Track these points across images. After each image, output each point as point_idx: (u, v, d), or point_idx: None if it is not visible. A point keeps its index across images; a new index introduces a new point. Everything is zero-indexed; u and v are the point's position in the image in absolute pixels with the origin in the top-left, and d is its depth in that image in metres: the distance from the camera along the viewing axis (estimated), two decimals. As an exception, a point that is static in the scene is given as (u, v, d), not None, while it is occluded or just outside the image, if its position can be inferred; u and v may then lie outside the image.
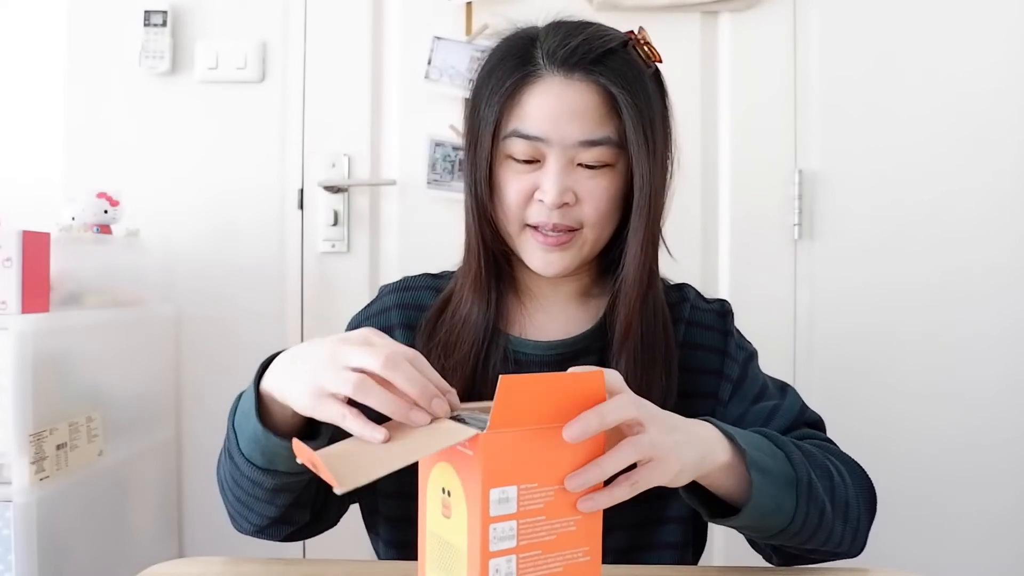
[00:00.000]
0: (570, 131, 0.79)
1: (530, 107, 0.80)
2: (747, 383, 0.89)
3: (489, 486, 0.50)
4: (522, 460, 0.51)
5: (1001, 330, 1.67)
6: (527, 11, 0.88)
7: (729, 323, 0.92)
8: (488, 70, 0.84)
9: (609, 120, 0.80)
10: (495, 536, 0.50)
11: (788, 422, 0.85)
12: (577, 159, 0.80)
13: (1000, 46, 1.68)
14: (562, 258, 0.83)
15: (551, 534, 0.53)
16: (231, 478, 0.77)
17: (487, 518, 0.50)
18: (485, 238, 0.85)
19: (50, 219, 1.44)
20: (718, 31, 1.70)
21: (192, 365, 1.72)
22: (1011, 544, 1.68)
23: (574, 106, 0.79)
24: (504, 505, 0.51)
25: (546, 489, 0.52)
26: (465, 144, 0.88)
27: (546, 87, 0.80)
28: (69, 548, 1.28)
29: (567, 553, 0.53)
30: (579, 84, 0.79)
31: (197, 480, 1.72)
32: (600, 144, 0.80)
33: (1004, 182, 1.67)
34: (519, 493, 0.51)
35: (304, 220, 1.72)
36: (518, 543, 0.51)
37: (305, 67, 1.71)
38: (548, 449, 0.52)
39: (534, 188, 0.81)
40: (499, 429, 0.50)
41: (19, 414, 1.16)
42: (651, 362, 0.83)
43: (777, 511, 0.71)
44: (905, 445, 1.68)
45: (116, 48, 1.70)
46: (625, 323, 0.83)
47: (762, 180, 1.68)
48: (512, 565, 0.51)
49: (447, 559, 0.54)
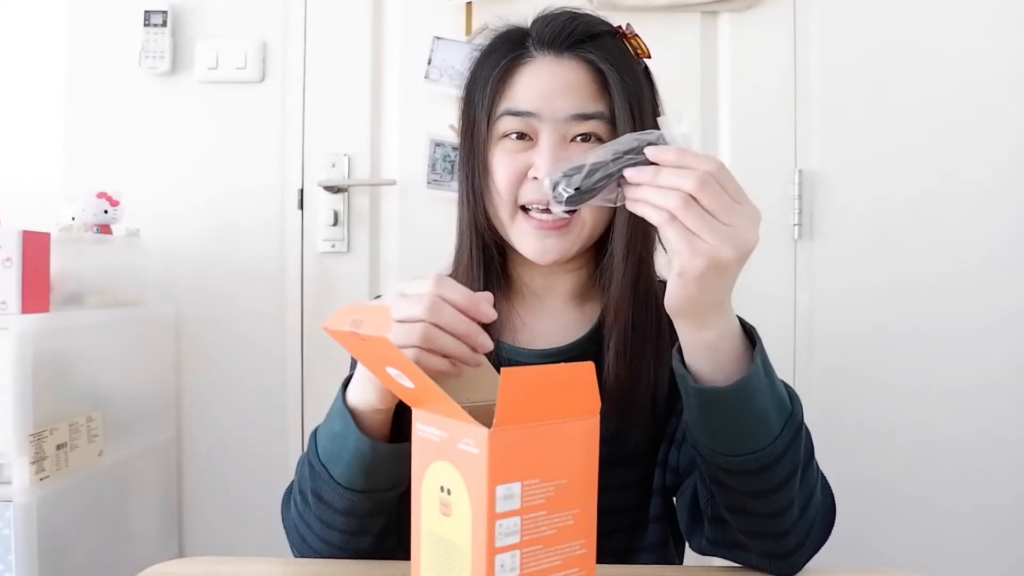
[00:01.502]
0: (561, 105, 0.79)
1: (521, 86, 0.81)
2: None
3: (495, 483, 0.51)
4: (526, 456, 0.52)
5: (1001, 329, 1.67)
6: (527, 11, 0.88)
7: None
8: (481, 59, 0.86)
9: (600, 97, 0.81)
10: (500, 532, 0.51)
11: None
12: (570, 134, 0.80)
13: (1000, 46, 1.67)
14: (559, 243, 0.81)
15: (551, 528, 0.54)
16: (319, 523, 0.75)
17: (493, 515, 0.51)
18: (478, 226, 0.85)
19: (50, 219, 1.44)
20: (718, 31, 1.71)
21: (192, 365, 1.72)
22: (1012, 543, 1.68)
23: (565, 82, 0.80)
24: (509, 501, 0.51)
25: (547, 484, 0.53)
26: (460, 132, 0.88)
27: (536, 66, 0.81)
28: (69, 548, 1.28)
29: (565, 546, 0.55)
30: (569, 62, 0.81)
31: (197, 480, 1.72)
32: (592, 118, 0.80)
33: (1004, 182, 1.67)
34: (523, 489, 0.52)
35: (304, 220, 1.72)
36: (521, 538, 0.52)
37: (305, 67, 1.71)
38: (550, 445, 0.53)
39: (527, 167, 0.81)
40: (504, 425, 0.51)
41: (19, 414, 1.16)
42: (639, 350, 0.82)
43: (761, 422, 0.66)
44: (905, 443, 1.68)
45: (116, 48, 1.71)
46: (614, 307, 0.82)
47: (762, 180, 1.68)
48: (516, 560, 0.52)
49: (447, 558, 0.54)
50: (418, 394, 0.56)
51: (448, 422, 0.54)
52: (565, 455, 0.54)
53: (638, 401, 0.83)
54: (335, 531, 0.74)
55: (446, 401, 0.53)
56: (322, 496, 0.73)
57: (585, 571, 0.56)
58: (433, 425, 0.55)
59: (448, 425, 0.54)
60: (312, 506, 0.75)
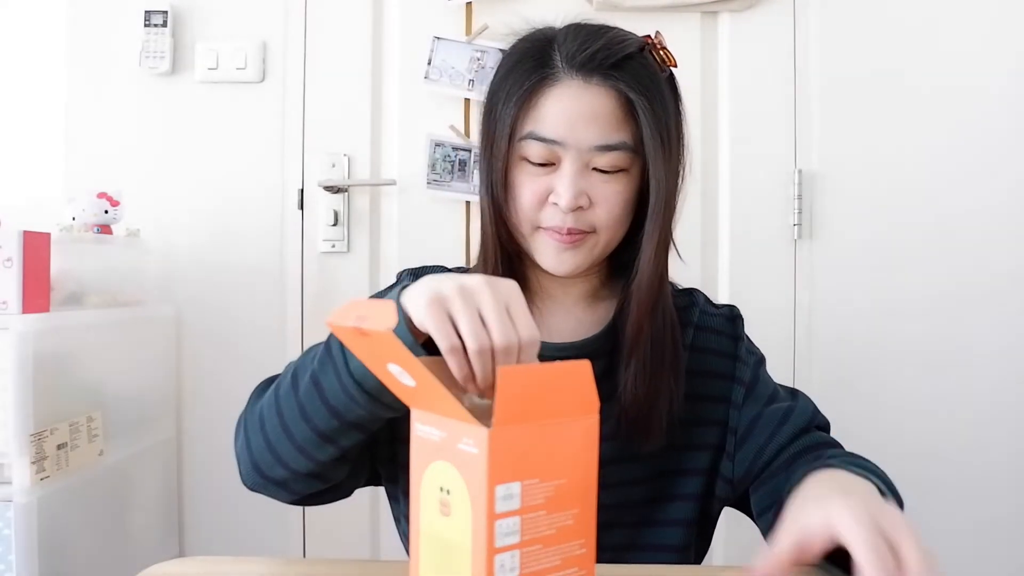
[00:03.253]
0: (586, 135, 0.79)
1: (547, 110, 0.80)
2: (759, 386, 0.89)
3: (495, 483, 0.50)
4: (525, 456, 0.52)
5: (1001, 329, 1.67)
6: (527, 11, 0.88)
7: (739, 328, 0.92)
8: (505, 71, 0.84)
9: (625, 125, 0.80)
10: (500, 532, 0.51)
11: (803, 423, 0.86)
12: (592, 163, 0.81)
13: (1000, 46, 1.68)
14: (574, 256, 0.83)
15: (551, 528, 0.53)
16: (297, 411, 0.72)
17: (492, 515, 0.50)
18: (501, 239, 0.85)
19: (50, 219, 1.44)
20: (718, 31, 1.71)
21: (192, 365, 1.72)
22: (1012, 543, 1.68)
23: (591, 110, 0.79)
24: (509, 501, 0.51)
25: (547, 484, 0.53)
26: (481, 145, 0.87)
27: (564, 90, 0.80)
28: (69, 548, 1.28)
29: (565, 546, 0.54)
30: (597, 88, 0.80)
31: (197, 480, 1.72)
32: (616, 149, 0.80)
33: (1004, 182, 1.67)
34: (522, 489, 0.52)
35: (304, 220, 1.72)
36: (521, 538, 0.52)
37: (305, 67, 1.71)
38: (549, 444, 0.53)
39: (548, 191, 0.81)
40: (504, 424, 0.51)
41: (19, 414, 1.16)
42: (659, 366, 0.83)
43: None
44: (904, 446, 1.68)
45: (116, 48, 1.71)
46: (636, 327, 0.83)
47: (762, 180, 1.68)
48: (516, 560, 0.52)
49: (446, 558, 0.54)
50: (419, 393, 0.56)
51: (447, 422, 0.54)
52: (565, 454, 0.54)
53: (656, 413, 0.83)
54: (307, 426, 0.71)
55: (448, 399, 0.53)
56: (320, 382, 0.70)
57: (585, 571, 0.55)
58: (432, 425, 0.55)
59: (447, 425, 0.54)
60: (301, 391, 0.71)
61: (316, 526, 1.71)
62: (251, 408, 0.79)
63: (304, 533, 1.71)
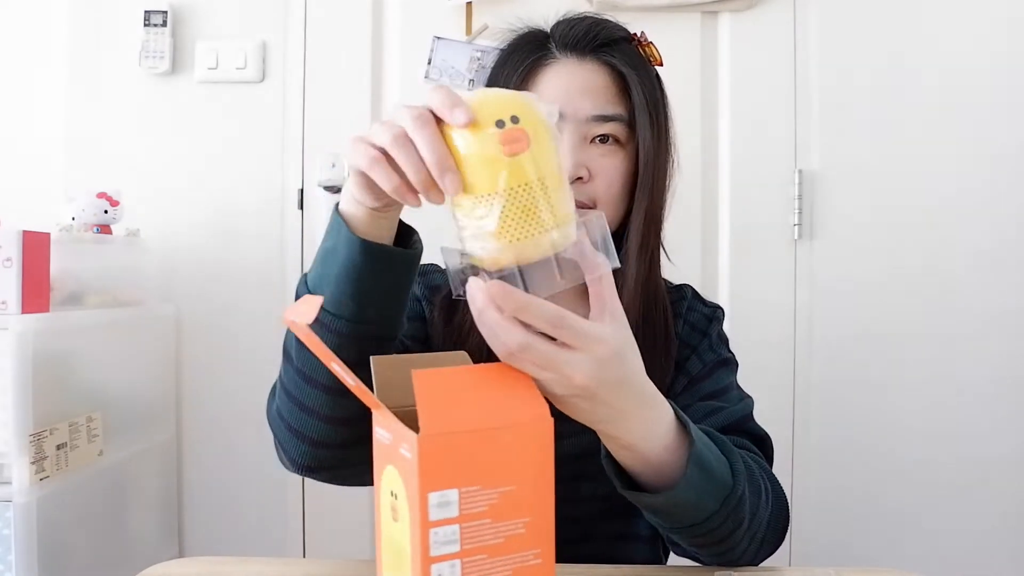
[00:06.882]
0: (583, 105, 0.82)
1: (544, 86, 0.83)
2: (705, 383, 0.88)
3: (427, 490, 0.49)
4: (462, 463, 0.50)
5: (1001, 328, 1.67)
6: (527, 11, 0.89)
7: (713, 326, 0.93)
8: (503, 59, 0.87)
9: (620, 100, 0.83)
10: (436, 541, 0.49)
11: (726, 424, 0.84)
12: (590, 135, 0.83)
13: (1000, 45, 1.67)
14: None
15: (497, 537, 0.51)
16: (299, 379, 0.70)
17: (427, 522, 0.49)
18: None
19: (50, 219, 1.44)
20: (718, 31, 1.70)
21: (192, 365, 1.72)
22: (1012, 542, 1.68)
23: (587, 83, 0.82)
24: (445, 509, 0.49)
25: (490, 492, 0.51)
26: None
27: (560, 68, 0.83)
28: (69, 548, 1.28)
29: (516, 556, 0.52)
30: (591, 64, 0.83)
31: (197, 480, 1.72)
32: (612, 120, 0.82)
33: (1004, 181, 1.67)
34: (460, 496, 0.50)
35: (304, 220, 1.72)
36: (462, 547, 0.50)
37: (305, 67, 1.71)
38: (490, 452, 0.51)
39: None
40: (435, 429, 0.49)
41: (19, 414, 1.16)
42: (652, 346, 0.84)
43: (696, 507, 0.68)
44: (905, 443, 1.68)
45: (116, 48, 1.70)
46: (625, 303, 0.83)
47: (762, 180, 1.68)
48: (456, 570, 0.50)
49: (398, 562, 0.53)
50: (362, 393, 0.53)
51: (393, 425, 0.52)
52: (511, 461, 0.51)
53: None
54: (314, 388, 0.68)
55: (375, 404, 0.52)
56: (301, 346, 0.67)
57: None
58: (383, 427, 0.53)
59: (393, 428, 0.52)
60: (294, 358, 0.69)
61: (316, 526, 1.71)
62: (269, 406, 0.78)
63: (304, 533, 1.71)
